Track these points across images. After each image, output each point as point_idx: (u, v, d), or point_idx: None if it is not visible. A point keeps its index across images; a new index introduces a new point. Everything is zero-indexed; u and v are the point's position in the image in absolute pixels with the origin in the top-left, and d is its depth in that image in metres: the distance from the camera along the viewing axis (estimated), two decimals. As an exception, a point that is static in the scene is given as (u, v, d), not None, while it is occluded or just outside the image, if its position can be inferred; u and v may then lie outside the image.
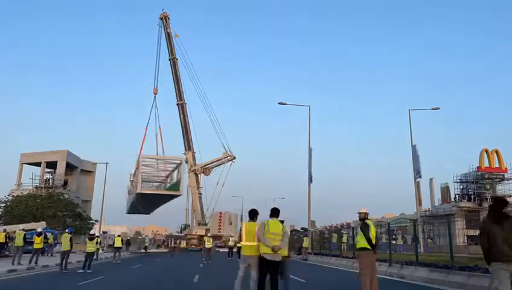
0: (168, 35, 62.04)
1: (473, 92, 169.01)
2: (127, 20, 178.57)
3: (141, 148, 61.79)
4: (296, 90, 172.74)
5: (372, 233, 8.58)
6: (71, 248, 16.90)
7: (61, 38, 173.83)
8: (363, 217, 8.78)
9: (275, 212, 8.05)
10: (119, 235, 27.40)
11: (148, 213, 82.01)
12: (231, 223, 57.21)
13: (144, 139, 61.90)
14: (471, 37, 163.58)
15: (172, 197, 62.61)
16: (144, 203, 66.69)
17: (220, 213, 57.81)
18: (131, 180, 67.37)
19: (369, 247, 8.50)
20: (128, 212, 78.70)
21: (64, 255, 16.59)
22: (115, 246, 26.14)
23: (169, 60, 62.14)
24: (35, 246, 20.18)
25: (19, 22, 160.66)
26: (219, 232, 55.93)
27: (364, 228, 8.62)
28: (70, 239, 16.84)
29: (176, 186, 59.33)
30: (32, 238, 27.41)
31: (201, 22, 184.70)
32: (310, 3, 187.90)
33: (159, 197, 64.01)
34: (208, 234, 44.50)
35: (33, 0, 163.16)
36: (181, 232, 63.00)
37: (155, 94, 62.32)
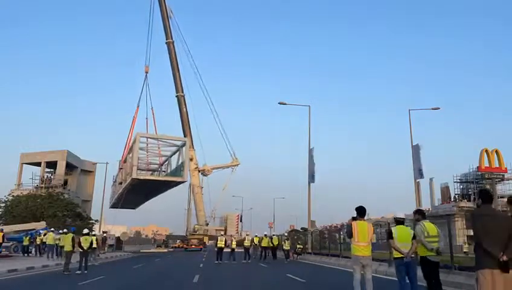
0: (166, 14, 55.97)
1: (473, 92, 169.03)
2: (131, 17, 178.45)
3: (131, 132, 55.25)
4: (296, 91, 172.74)
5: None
6: (73, 248, 16.70)
7: (60, 37, 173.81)
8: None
9: (362, 212, 7.99)
10: (222, 235, 26.68)
11: (134, 208, 73.20)
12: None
13: (134, 122, 56.23)
14: (471, 38, 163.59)
15: (170, 186, 54.50)
16: (136, 194, 56.48)
17: (237, 215, 57.45)
18: (120, 168, 57.90)
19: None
20: (113, 207, 66.05)
21: (67, 255, 16.31)
22: (218, 246, 25.58)
23: (166, 43, 56.50)
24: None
25: (18, 21, 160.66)
26: (236, 232, 55.55)
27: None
28: (73, 239, 16.58)
29: (179, 171, 50.13)
30: (33, 238, 27.57)
31: (200, 24, 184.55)
32: (310, 6, 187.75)
33: (155, 185, 53.56)
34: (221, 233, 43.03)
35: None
36: (195, 231, 58.36)
37: (146, 72, 57.34)
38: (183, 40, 57.63)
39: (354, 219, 8.14)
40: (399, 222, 8.06)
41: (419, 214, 8.38)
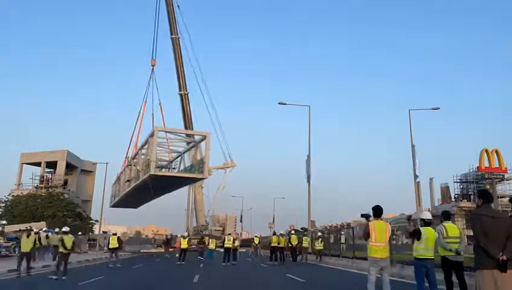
0: (172, 7, 54.33)
1: (473, 92, 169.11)
2: (130, 19, 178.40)
3: (139, 128, 53.29)
4: (296, 91, 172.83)
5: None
6: (34, 245, 15.56)
7: (60, 36, 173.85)
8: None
9: (379, 212, 7.81)
10: (114, 234, 24.00)
11: (135, 207, 70.04)
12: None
13: (142, 118, 54.19)
14: (471, 38, 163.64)
15: (184, 183, 51.71)
16: (144, 192, 51.51)
17: (235, 216, 57.93)
18: (128, 165, 54.65)
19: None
20: (115, 206, 62.85)
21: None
22: (109, 247, 22.98)
23: (170, 39, 54.64)
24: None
25: (17, 21, 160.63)
26: (234, 232, 56.12)
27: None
28: (35, 238, 15.83)
29: (198, 167, 46.41)
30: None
31: (199, 23, 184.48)
32: (310, 6, 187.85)
33: (170, 183, 49.07)
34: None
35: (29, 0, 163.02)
36: (201, 231, 56.51)
37: (153, 66, 55.95)
38: (188, 35, 57.03)
39: (362, 216, 8.13)
40: (427, 223, 7.84)
41: (443, 215, 8.53)
